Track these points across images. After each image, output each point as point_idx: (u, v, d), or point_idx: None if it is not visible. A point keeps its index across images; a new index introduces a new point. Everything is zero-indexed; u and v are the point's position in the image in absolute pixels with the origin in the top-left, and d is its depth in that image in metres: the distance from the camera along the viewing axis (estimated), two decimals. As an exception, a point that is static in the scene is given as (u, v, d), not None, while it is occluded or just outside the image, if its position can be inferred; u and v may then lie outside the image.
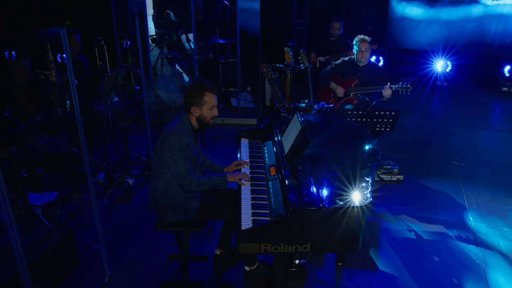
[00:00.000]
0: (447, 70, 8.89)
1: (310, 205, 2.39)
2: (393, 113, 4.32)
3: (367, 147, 3.13)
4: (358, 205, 2.38)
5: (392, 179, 4.85)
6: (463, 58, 8.83)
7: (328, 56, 6.80)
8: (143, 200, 4.44)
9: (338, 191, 2.53)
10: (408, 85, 4.79)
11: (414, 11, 9.01)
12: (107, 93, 5.19)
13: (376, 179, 4.82)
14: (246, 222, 2.50)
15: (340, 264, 3.46)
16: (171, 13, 8.63)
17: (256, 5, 7.04)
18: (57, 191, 4.49)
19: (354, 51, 5.03)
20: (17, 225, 3.18)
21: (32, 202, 4.15)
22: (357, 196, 2.46)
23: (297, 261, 3.34)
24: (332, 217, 2.35)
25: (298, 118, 2.97)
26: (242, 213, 2.59)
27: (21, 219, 3.94)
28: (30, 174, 4.38)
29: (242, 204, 2.71)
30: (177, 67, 6.68)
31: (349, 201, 2.44)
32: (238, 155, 3.50)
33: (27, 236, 3.83)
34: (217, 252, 3.50)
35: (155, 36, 8.94)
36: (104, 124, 5.41)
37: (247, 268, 3.30)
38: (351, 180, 2.62)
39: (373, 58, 8.80)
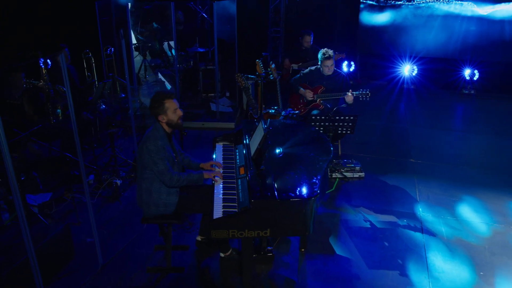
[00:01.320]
0: (414, 74, 9.54)
1: (268, 198, 2.93)
2: (351, 117, 4.90)
3: (321, 149, 3.68)
4: (307, 197, 2.92)
5: (354, 176, 5.42)
6: (428, 63, 9.50)
7: (300, 64, 7.37)
8: (131, 199, 4.93)
9: (292, 187, 3.07)
10: (367, 92, 5.36)
11: (383, 18, 9.64)
12: (95, 102, 5.66)
13: (339, 176, 5.39)
14: (218, 212, 3.04)
15: (303, 250, 4.01)
16: (158, 27, 9.08)
17: (233, 15, 7.57)
18: (51, 192, 4.95)
19: (320, 64, 5.58)
20: (17, 222, 3.68)
21: (29, 202, 4.60)
22: (307, 190, 3.00)
23: (266, 248, 3.88)
24: (286, 207, 2.90)
25: (262, 125, 3.51)
26: (214, 206, 3.13)
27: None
28: (26, 177, 4.83)
29: (214, 199, 3.25)
30: (160, 76, 7.16)
31: (300, 194, 2.98)
32: (214, 156, 4.03)
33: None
34: (198, 238, 4.04)
35: (138, 44, 9.37)
36: (93, 130, 5.88)
37: (222, 255, 3.85)
38: (304, 177, 3.17)
39: (345, 63, 9.46)
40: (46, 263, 3.56)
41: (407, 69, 9.53)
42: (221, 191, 3.36)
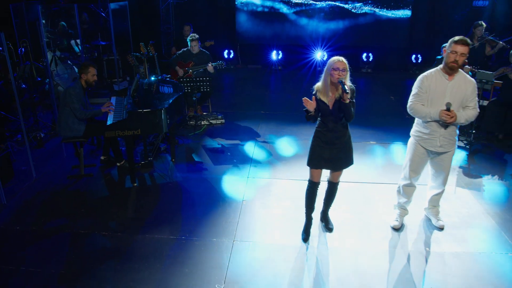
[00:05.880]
0: (279, 57, 12.19)
1: (135, 109, 5.06)
2: (207, 78, 7.17)
3: (175, 90, 5.88)
4: (159, 109, 5.10)
5: (217, 122, 7.72)
6: (291, 49, 12.19)
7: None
8: (52, 146, 6.76)
9: (151, 105, 5.24)
10: (222, 62, 7.65)
11: (256, 15, 12.19)
12: (17, 81, 7.38)
13: (207, 123, 7.64)
14: (109, 121, 5.13)
15: (173, 160, 6.18)
16: (65, 24, 10.73)
17: (127, 15, 9.58)
18: (-12, 146, 6.63)
19: (188, 44, 7.78)
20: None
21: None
22: (159, 106, 5.18)
23: (148, 158, 6.00)
24: (147, 115, 5.06)
25: (137, 78, 5.64)
26: (108, 119, 5.21)
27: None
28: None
29: (108, 117, 5.32)
30: (69, 62, 8.92)
31: (154, 108, 5.15)
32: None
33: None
34: (102, 158, 6.05)
35: (48, 40, 10.96)
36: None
37: (118, 164, 5.91)
38: (159, 101, 5.35)
39: (225, 52, 11.80)
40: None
41: (274, 54, 12.15)
42: (113, 115, 5.44)
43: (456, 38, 3.95)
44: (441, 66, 4.11)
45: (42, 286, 3.76)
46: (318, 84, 4.07)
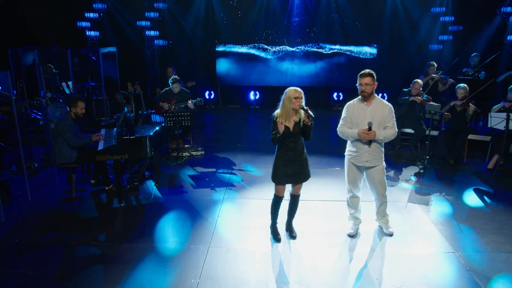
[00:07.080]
0: (256, 98, 13.14)
1: (124, 136, 5.77)
2: (188, 113, 7.96)
3: (157, 123, 6.64)
4: (144, 136, 5.83)
5: (197, 154, 8.44)
6: (267, 90, 13.16)
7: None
8: (45, 176, 7.37)
9: (137, 133, 5.97)
10: (201, 99, 8.48)
11: (233, 60, 13.21)
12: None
13: (188, 155, 8.35)
14: (100, 147, 5.83)
15: (156, 184, 6.83)
16: (51, 65, 11.56)
17: (116, 60, 10.46)
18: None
19: (170, 85, 8.62)
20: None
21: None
22: (143, 134, 5.92)
23: (134, 183, 6.65)
24: (132, 142, 5.78)
25: (125, 111, 6.40)
26: (99, 146, 5.90)
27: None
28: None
29: (99, 145, 6.02)
30: (61, 100, 9.68)
31: (139, 136, 5.87)
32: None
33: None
34: (92, 181, 6.68)
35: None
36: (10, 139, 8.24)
37: (106, 188, 6.54)
38: (143, 130, 6.09)
39: (207, 93, 12.69)
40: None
41: (252, 95, 13.11)
42: (103, 143, 6.14)
43: (361, 72, 4.86)
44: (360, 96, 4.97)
45: (38, 285, 4.31)
46: (278, 112, 4.85)
